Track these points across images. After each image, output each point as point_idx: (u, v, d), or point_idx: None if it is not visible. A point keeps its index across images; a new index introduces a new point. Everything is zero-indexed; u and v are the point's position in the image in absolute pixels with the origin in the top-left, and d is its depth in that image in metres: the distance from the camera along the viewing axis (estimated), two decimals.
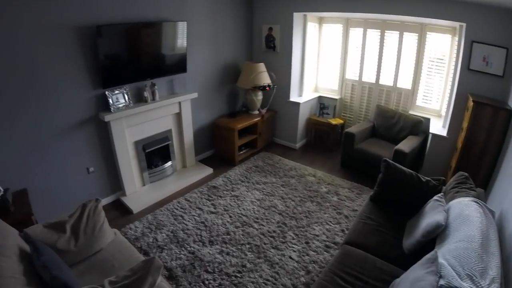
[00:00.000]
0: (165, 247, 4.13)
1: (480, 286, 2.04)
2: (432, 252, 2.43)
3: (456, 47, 5.25)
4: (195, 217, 4.72)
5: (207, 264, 3.85)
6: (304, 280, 3.63)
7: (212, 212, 4.84)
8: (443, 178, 3.87)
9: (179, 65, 5.39)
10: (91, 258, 3.10)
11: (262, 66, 6.40)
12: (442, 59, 5.74)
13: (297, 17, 6.34)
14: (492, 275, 2.14)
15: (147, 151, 5.31)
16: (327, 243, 4.20)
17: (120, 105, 4.70)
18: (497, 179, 4.16)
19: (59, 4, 3.85)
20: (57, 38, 3.95)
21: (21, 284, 2.16)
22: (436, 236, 2.89)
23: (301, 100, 6.90)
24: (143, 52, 4.87)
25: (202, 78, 6.07)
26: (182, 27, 5.19)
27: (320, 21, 6.96)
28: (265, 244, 4.20)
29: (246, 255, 4.01)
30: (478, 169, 4.54)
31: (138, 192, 5.33)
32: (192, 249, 4.10)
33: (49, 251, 2.58)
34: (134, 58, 4.77)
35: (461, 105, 4.94)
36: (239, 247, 4.14)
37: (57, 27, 3.91)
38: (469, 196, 3.14)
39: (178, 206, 4.99)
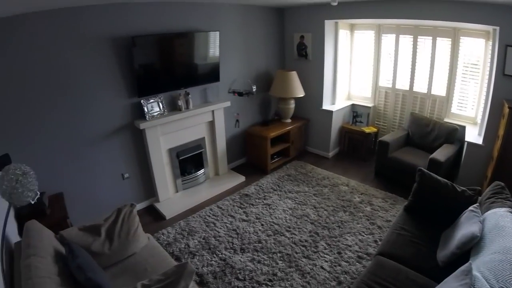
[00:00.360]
0: (196, 253, 4.17)
1: None
2: (466, 264, 2.37)
3: (490, 51, 5.11)
4: (227, 225, 4.75)
5: (238, 272, 3.87)
6: None
7: (244, 220, 4.86)
8: (479, 188, 3.78)
9: (212, 74, 5.48)
10: (125, 262, 3.17)
11: (294, 75, 6.39)
12: (476, 64, 5.58)
13: (329, 24, 6.32)
14: None
15: (180, 158, 5.41)
16: (360, 253, 4.15)
17: (155, 113, 4.82)
18: None
19: (96, 17, 4.02)
20: (95, 49, 4.12)
21: (56, 284, 2.22)
22: (471, 247, 2.83)
23: (333, 108, 6.86)
24: (176, 61, 4.98)
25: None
26: (214, 37, 5.27)
27: (352, 28, 6.92)
28: (296, 253, 4.18)
29: (277, 263, 4.00)
30: None
31: (171, 198, 5.42)
32: (224, 256, 4.13)
33: (84, 253, 2.65)
34: (167, 68, 4.88)
35: (497, 112, 4.80)
36: (271, 256, 4.13)
37: (95, 39, 4.09)
38: (505, 207, 3.05)
39: (210, 213, 5.04)
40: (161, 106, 4.90)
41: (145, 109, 4.72)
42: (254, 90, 6.09)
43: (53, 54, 3.83)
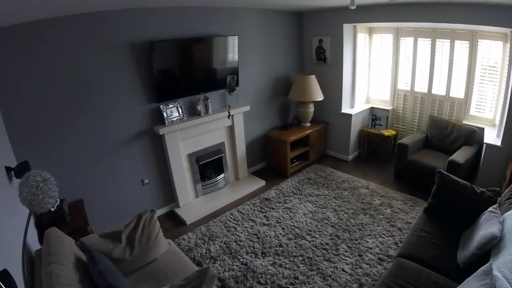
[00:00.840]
0: (218, 258, 4.22)
1: None
2: (486, 265, 2.40)
3: (508, 53, 5.10)
4: (248, 229, 4.80)
5: (259, 276, 3.91)
6: None
7: (264, 224, 4.90)
8: (498, 189, 3.77)
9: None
10: (146, 268, 3.21)
11: (313, 79, 6.43)
12: (494, 67, 5.57)
13: (347, 28, 6.35)
14: None
15: (200, 163, 5.46)
16: (381, 256, 4.16)
17: (174, 119, 4.87)
18: None
19: (115, 23, 4.11)
20: (115, 55, 4.21)
21: None
22: (491, 248, 2.84)
23: (353, 111, 6.88)
24: (195, 66, 5.04)
25: (254, 91, 6.20)
26: (233, 41, 5.32)
27: (370, 31, 6.94)
28: (317, 256, 4.21)
29: (298, 267, 4.04)
30: None
31: (192, 203, 5.48)
32: (245, 260, 4.17)
33: (105, 260, 2.68)
34: (186, 73, 4.95)
35: None
36: (292, 259, 4.17)
37: (114, 44, 4.17)
38: None
39: (231, 217, 5.09)
40: (180, 111, 4.95)
41: (164, 114, 4.77)
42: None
43: (73, 60, 3.91)
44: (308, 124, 6.86)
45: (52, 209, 3.45)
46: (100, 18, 3.98)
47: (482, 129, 5.60)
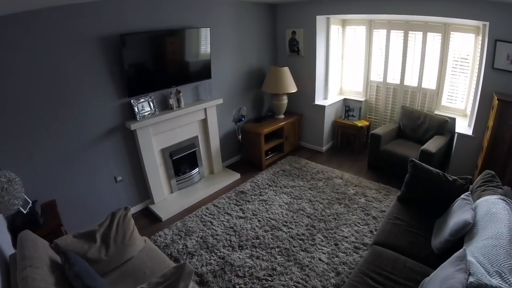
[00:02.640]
0: (195, 253, 4.19)
1: (509, 283, 2.05)
2: (460, 250, 2.44)
3: (480, 46, 5.20)
4: (224, 223, 4.79)
5: (237, 269, 3.90)
6: (334, 282, 3.66)
7: (240, 217, 4.90)
8: (470, 177, 3.86)
9: (204, 72, 5.46)
10: (123, 267, 3.15)
11: (286, 71, 6.43)
12: (466, 59, 5.70)
13: (320, 20, 6.37)
14: None
15: (174, 158, 5.39)
16: (356, 244, 4.22)
17: (146, 113, 4.78)
18: None
19: (83, 16, 3.96)
20: (82, 49, 4.06)
21: None
22: (464, 234, 2.90)
23: (326, 103, 6.93)
24: (167, 59, 4.95)
25: (227, 84, 6.15)
26: (205, 34, 5.26)
27: (343, 23, 6.98)
28: (294, 247, 4.23)
29: (276, 258, 4.05)
30: (505, 167, 4.50)
31: (167, 199, 5.42)
32: (222, 254, 4.16)
33: (80, 261, 2.62)
34: (158, 66, 4.86)
35: (486, 104, 4.91)
36: (269, 251, 4.18)
37: (82, 38, 4.03)
38: (496, 194, 3.13)
39: (206, 212, 5.06)
40: (151, 106, 4.85)
41: (136, 109, 4.66)
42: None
43: (40, 56, 3.74)
44: (282, 116, 6.87)
45: (25, 211, 3.39)
46: (67, 12, 3.82)
47: (454, 119, 5.74)
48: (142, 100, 4.75)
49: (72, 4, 3.84)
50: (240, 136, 6.53)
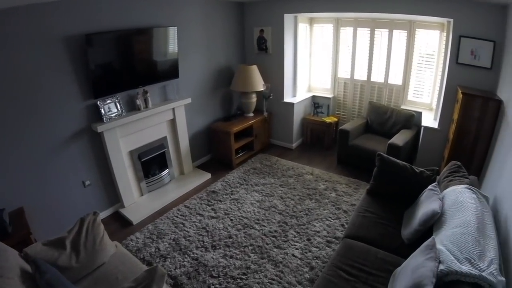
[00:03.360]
0: (168, 256, 4.14)
1: (479, 268, 2.10)
2: (430, 239, 2.49)
3: (444, 42, 5.34)
4: (196, 223, 4.74)
5: (211, 269, 3.87)
6: (308, 276, 3.68)
7: (212, 217, 4.86)
8: (437, 168, 3.96)
9: (171, 71, 5.39)
10: (95, 273, 3.08)
11: (255, 69, 6.43)
12: (431, 55, 5.85)
13: (288, 18, 6.40)
14: (490, 257, 2.20)
15: (143, 160, 5.29)
16: (328, 238, 4.27)
17: (113, 115, 4.66)
18: (489, 166, 4.24)
19: (46, 15, 3.83)
20: (45, 50, 3.91)
21: None
22: (433, 224, 2.97)
23: (295, 100, 6.97)
24: (134, 59, 4.85)
25: (195, 83, 6.09)
26: (173, 33, 5.20)
27: (311, 21, 7.04)
28: (267, 244, 4.24)
29: (249, 256, 4.04)
30: (471, 158, 4.61)
31: (137, 202, 5.31)
32: (195, 255, 4.12)
33: (51, 269, 2.55)
34: (125, 66, 4.75)
35: (451, 97, 5.04)
36: (242, 249, 4.17)
37: (45, 38, 3.88)
38: (462, 184, 3.21)
39: (178, 213, 5.00)
40: (118, 107, 4.74)
41: (102, 111, 4.54)
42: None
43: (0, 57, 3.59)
44: (252, 115, 6.87)
45: None
46: (29, 11, 3.68)
47: (420, 113, 5.89)
48: (108, 101, 4.63)
49: (34, 4, 3.71)
50: (266, 113, 6.80)
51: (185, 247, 4.28)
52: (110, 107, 4.65)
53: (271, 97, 6.62)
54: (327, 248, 4.09)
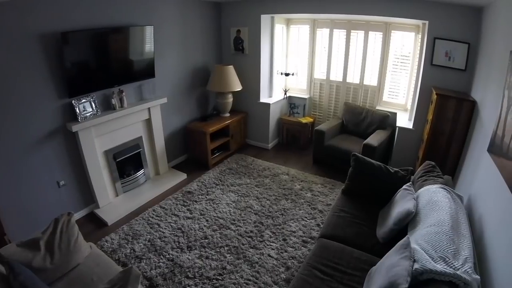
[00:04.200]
0: (143, 257, 4.08)
1: (453, 267, 2.12)
2: (404, 238, 2.50)
3: (419, 43, 5.41)
4: (172, 224, 4.69)
5: (187, 270, 3.83)
6: (284, 276, 3.68)
7: (188, 218, 4.82)
8: (411, 168, 4.01)
9: (147, 70, 5.33)
10: (70, 274, 3.03)
11: (231, 69, 6.42)
12: (407, 56, 5.95)
13: (265, 19, 6.42)
14: (465, 255, 2.23)
15: (118, 160, 5.21)
16: (304, 238, 4.28)
17: (88, 114, 4.58)
18: (463, 166, 4.30)
19: (20, 12, 3.73)
20: (19, 47, 3.80)
21: None
22: (407, 223, 2.99)
23: (271, 100, 6.98)
24: (110, 58, 4.78)
25: (171, 83, 6.04)
26: (149, 32, 5.14)
27: (288, 22, 7.07)
28: (243, 244, 4.22)
29: (225, 257, 4.02)
30: (445, 158, 4.67)
31: (112, 203, 5.23)
32: (171, 256, 4.07)
33: (26, 271, 2.51)
34: (101, 65, 4.68)
35: (425, 98, 5.13)
36: (218, 250, 4.14)
37: (19, 36, 3.77)
38: (437, 183, 3.25)
39: (153, 214, 4.94)
40: (93, 106, 4.66)
41: (77, 110, 4.46)
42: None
43: None
44: (228, 115, 6.85)
45: None
46: (3, 7, 3.57)
47: (395, 114, 5.97)
48: (83, 100, 4.54)
49: (9, 1, 3.61)
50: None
51: (160, 248, 4.22)
52: (85, 106, 4.56)
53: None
54: (303, 248, 4.10)
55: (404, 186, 3.45)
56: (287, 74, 7.06)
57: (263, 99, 7.02)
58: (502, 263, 2.21)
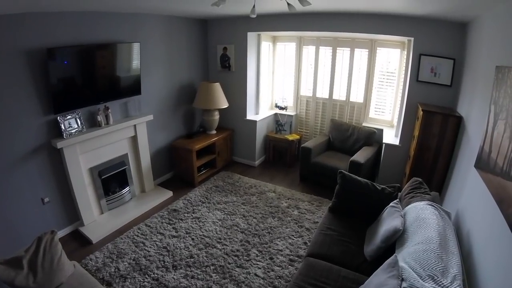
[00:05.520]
0: (128, 276, 3.99)
1: (442, 285, 2.10)
2: (392, 257, 2.48)
3: (405, 60, 5.45)
4: (157, 243, 4.61)
5: None
6: None
7: (174, 236, 4.75)
8: (398, 185, 4.00)
9: (133, 87, 5.30)
10: None
11: (218, 86, 6.40)
12: (393, 72, 6.00)
13: (251, 36, 6.44)
14: (453, 273, 2.21)
15: (103, 177, 5.14)
16: (291, 257, 4.22)
17: (73, 131, 4.53)
18: (451, 182, 4.30)
19: (6, 27, 3.70)
20: (4, 63, 3.77)
21: None
22: (395, 241, 2.96)
23: (257, 118, 6.98)
24: (96, 75, 4.75)
25: (157, 100, 6.01)
26: (136, 48, 5.13)
27: (274, 40, 7.11)
28: (229, 263, 4.16)
29: (211, 276, 3.95)
30: (432, 174, 4.67)
31: (97, 221, 5.14)
32: (156, 275, 3.99)
33: None
34: (87, 82, 4.65)
35: (411, 115, 5.16)
36: (204, 269, 4.07)
37: (4, 51, 3.74)
38: (424, 200, 3.24)
39: (138, 232, 4.86)
40: (79, 123, 4.62)
41: (62, 127, 4.42)
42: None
43: None
44: (214, 132, 6.82)
45: None
46: None
47: (381, 130, 5.99)
48: (69, 117, 4.50)
49: None
50: None
51: (145, 267, 4.14)
52: (71, 122, 4.52)
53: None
54: (290, 267, 4.05)
55: (391, 203, 3.44)
56: (281, 108, 7.19)
57: (250, 116, 7.00)
58: (491, 279, 2.20)
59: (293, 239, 4.57)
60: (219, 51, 6.80)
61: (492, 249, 2.29)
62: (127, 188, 5.67)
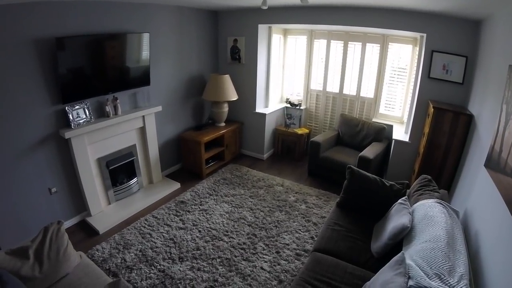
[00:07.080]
0: (134, 267, 4.00)
1: (449, 284, 2.08)
2: (399, 254, 2.46)
3: (417, 56, 5.40)
4: (164, 234, 4.62)
5: (178, 282, 3.76)
6: None
7: (180, 228, 4.75)
8: (407, 181, 3.97)
9: (142, 78, 5.29)
10: (58, 284, 2.98)
11: (227, 78, 6.38)
12: (404, 68, 5.94)
13: (262, 29, 6.40)
14: (460, 272, 2.18)
15: (111, 168, 5.14)
16: (298, 251, 4.21)
17: (81, 121, 4.52)
18: (460, 180, 4.27)
19: (15, 17, 3.68)
20: (13, 52, 3.75)
21: None
22: (402, 238, 2.94)
23: (267, 111, 6.95)
24: (105, 65, 4.73)
25: (166, 91, 6.00)
26: (145, 39, 5.11)
27: (285, 33, 7.07)
28: (236, 256, 4.16)
29: (217, 269, 3.95)
30: (441, 172, 4.64)
31: (104, 211, 5.16)
32: (162, 267, 4.00)
33: (14, 280, 2.48)
34: (96, 71, 4.62)
35: (422, 111, 5.11)
36: (210, 262, 4.08)
37: (13, 41, 3.73)
38: (432, 198, 3.21)
39: (145, 223, 4.87)
40: (87, 113, 4.61)
41: (70, 117, 4.40)
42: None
43: None
44: (223, 124, 6.81)
45: None
46: None
47: (391, 126, 5.95)
48: (77, 107, 4.49)
49: (4, 5, 3.56)
50: None
51: (151, 258, 4.15)
52: (79, 113, 4.51)
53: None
54: (296, 261, 4.04)
55: (399, 200, 3.40)
56: (293, 105, 7.12)
57: (259, 109, 6.98)
58: (498, 280, 2.17)
59: (300, 234, 4.56)
60: (229, 43, 6.77)
61: (501, 250, 2.26)
62: (134, 179, 5.67)
